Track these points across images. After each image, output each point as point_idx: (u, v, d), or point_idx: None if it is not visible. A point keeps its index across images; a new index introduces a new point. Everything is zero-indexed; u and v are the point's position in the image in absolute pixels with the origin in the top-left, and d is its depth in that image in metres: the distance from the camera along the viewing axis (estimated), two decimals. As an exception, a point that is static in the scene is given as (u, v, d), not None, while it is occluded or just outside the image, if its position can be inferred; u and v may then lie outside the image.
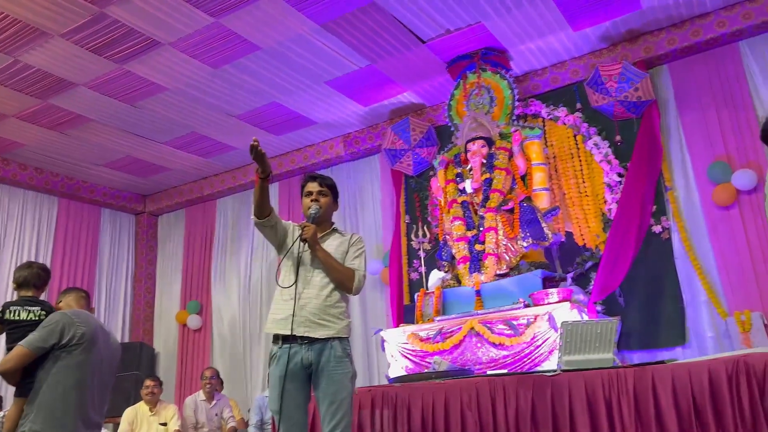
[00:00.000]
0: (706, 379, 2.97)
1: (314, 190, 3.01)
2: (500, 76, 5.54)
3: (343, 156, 6.94)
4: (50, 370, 2.69)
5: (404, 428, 3.77)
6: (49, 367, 2.70)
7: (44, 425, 2.60)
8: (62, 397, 2.67)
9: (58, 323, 2.75)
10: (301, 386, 2.77)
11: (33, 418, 2.61)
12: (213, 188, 7.92)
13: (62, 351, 2.72)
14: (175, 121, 6.39)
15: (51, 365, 2.70)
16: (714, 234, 4.84)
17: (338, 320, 2.82)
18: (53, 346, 2.71)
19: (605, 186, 5.24)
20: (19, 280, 3.11)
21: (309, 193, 3.02)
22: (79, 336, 2.78)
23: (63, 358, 2.72)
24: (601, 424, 3.21)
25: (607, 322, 3.58)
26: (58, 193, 7.59)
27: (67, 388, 2.70)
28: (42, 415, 2.61)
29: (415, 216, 6.26)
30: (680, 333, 4.79)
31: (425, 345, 4.74)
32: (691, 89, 5.19)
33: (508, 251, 4.95)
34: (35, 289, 3.12)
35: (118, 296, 8.08)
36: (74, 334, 2.76)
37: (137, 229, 8.56)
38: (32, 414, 2.62)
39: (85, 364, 2.79)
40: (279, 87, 5.83)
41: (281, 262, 2.94)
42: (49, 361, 2.71)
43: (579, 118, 5.49)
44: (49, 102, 5.86)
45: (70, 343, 2.74)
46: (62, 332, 2.74)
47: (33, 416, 2.61)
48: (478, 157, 5.22)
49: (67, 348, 2.73)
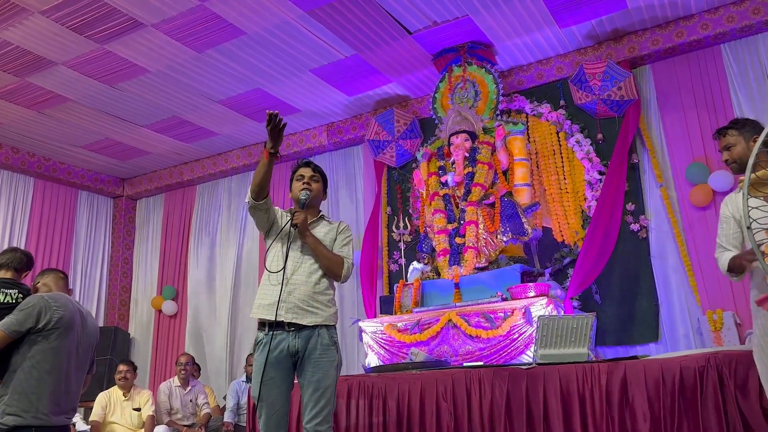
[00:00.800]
0: (677, 374, 3.02)
1: (307, 175, 2.97)
2: (485, 70, 5.55)
3: (326, 145, 6.91)
4: (26, 354, 2.66)
5: (379, 418, 3.79)
6: (24, 350, 2.67)
7: (19, 408, 2.58)
8: (37, 381, 2.65)
9: (34, 307, 2.72)
10: (285, 374, 2.75)
11: (7, 400, 2.59)
12: (193, 174, 7.84)
13: (38, 335, 2.69)
14: (157, 104, 6.31)
15: (27, 349, 2.67)
16: (690, 233, 4.92)
17: (326, 307, 2.80)
18: (29, 330, 2.68)
19: (586, 183, 5.29)
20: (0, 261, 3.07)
21: (301, 177, 2.97)
22: (56, 320, 2.74)
23: (39, 342, 2.69)
24: (574, 417, 3.25)
25: (583, 317, 3.63)
26: (34, 174, 7.45)
27: (42, 373, 2.67)
28: (17, 398, 2.59)
29: (396, 207, 6.27)
30: (654, 330, 4.87)
31: (403, 336, 4.76)
32: (672, 90, 5.26)
33: (488, 245, 4.99)
34: (15, 272, 3.06)
35: (94, 280, 7.97)
36: (51, 318, 2.73)
37: (115, 213, 8.45)
38: (6, 396, 2.60)
39: (62, 349, 2.76)
40: (263, 73, 5.78)
41: (269, 246, 2.90)
42: (24, 344, 2.67)
43: (562, 115, 5.52)
44: (27, 80, 5.74)
45: (47, 327, 2.71)
46: (39, 316, 2.70)
47: (8, 399, 2.59)
48: (461, 150, 5.23)
49: (43, 332, 2.70)
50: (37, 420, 2.61)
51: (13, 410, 2.56)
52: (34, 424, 2.60)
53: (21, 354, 2.66)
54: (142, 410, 5.52)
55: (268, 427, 2.69)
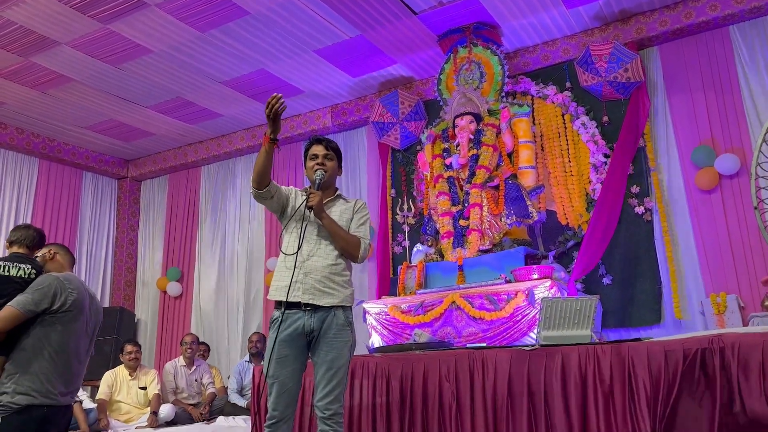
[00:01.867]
0: (680, 356, 3.02)
1: (320, 154, 2.88)
2: (491, 51, 5.51)
3: (329, 127, 6.88)
4: (38, 335, 2.65)
5: (383, 398, 3.82)
6: (37, 331, 2.66)
7: (30, 388, 2.57)
8: (49, 362, 2.65)
9: (50, 287, 2.70)
10: (298, 353, 2.73)
11: (17, 379, 2.57)
12: (197, 155, 7.83)
13: (52, 316, 2.68)
14: (160, 85, 6.29)
15: (39, 329, 2.66)
16: (695, 217, 4.91)
17: (343, 288, 2.78)
18: (44, 311, 2.67)
19: (591, 166, 5.27)
20: (11, 238, 3.01)
21: (314, 156, 2.89)
22: (71, 303, 2.74)
23: (52, 324, 2.68)
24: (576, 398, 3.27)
25: (586, 299, 3.63)
26: (39, 155, 7.46)
27: (53, 354, 2.66)
28: (28, 378, 2.58)
29: (400, 190, 6.26)
30: (657, 313, 4.87)
31: (406, 317, 4.78)
32: (680, 72, 5.20)
33: (492, 227, 4.98)
34: (27, 249, 3.02)
35: (99, 261, 8.02)
36: (66, 300, 2.72)
37: (119, 194, 8.47)
38: (17, 375, 2.58)
39: (73, 331, 2.75)
40: (267, 54, 5.75)
41: (285, 228, 2.87)
42: (37, 325, 2.66)
43: (568, 98, 5.48)
44: (31, 60, 5.72)
45: (61, 309, 2.70)
46: (54, 297, 2.69)
47: (18, 377, 2.57)
48: (465, 132, 5.21)
49: (57, 314, 2.69)
50: (48, 400, 2.61)
51: (24, 390, 2.56)
52: (46, 403, 2.60)
53: (33, 334, 2.64)
54: (147, 389, 5.58)
55: (278, 404, 2.68)
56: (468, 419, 3.51)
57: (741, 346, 2.91)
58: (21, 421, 2.52)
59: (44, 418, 2.61)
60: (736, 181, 4.79)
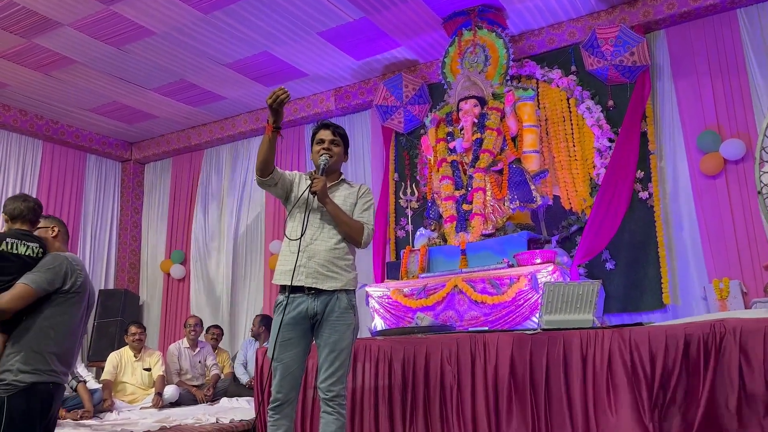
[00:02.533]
0: (681, 340, 3.03)
1: (327, 139, 2.90)
2: (496, 34, 5.46)
3: (333, 110, 6.86)
4: (45, 314, 2.62)
5: (385, 380, 3.85)
6: (44, 310, 2.62)
7: (34, 367, 2.55)
8: (54, 342, 2.63)
9: (62, 267, 2.67)
10: (302, 335, 2.76)
11: (22, 358, 2.54)
12: (201, 138, 7.82)
13: (60, 296, 2.65)
14: (164, 67, 6.26)
15: (47, 309, 2.63)
16: (699, 202, 4.89)
17: (346, 272, 2.80)
18: (56, 291, 2.64)
19: (595, 151, 5.24)
20: (14, 212, 2.83)
21: (321, 141, 2.90)
22: (79, 285, 2.72)
23: (59, 304, 2.65)
24: (577, 381, 3.28)
25: (588, 284, 3.63)
26: (43, 137, 7.46)
27: (58, 334, 2.64)
28: (33, 357, 2.56)
29: (404, 174, 6.25)
30: (659, 298, 4.87)
31: (408, 301, 4.79)
32: (686, 56, 5.15)
33: (495, 212, 4.98)
34: (30, 224, 2.87)
35: (103, 243, 8.05)
36: (75, 281, 2.70)
37: (123, 177, 8.47)
38: (21, 354, 2.54)
39: (76, 312, 2.73)
40: (270, 36, 5.71)
41: (289, 213, 2.88)
42: (45, 304, 2.62)
43: (573, 81, 5.44)
44: (34, 41, 5.70)
45: (70, 290, 2.68)
46: (65, 277, 2.66)
47: (23, 356, 2.54)
48: (469, 116, 5.18)
49: (65, 294, 2.67)
50: (51, 377, 2.60)
51: (29, 368, 2.54)
52: (51, 380, 2.60)
53: (39, 314, 2.61)
54: (152, 370, 5.63)
55: (281, 387, 2.71)
56: (469, 402, 3.54)
57: (743, 330, 2.92)
58: (27, 400, 2.51)
59: (49, 395, 2.61)
60: (741, 167, 4.76)
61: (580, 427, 3.20)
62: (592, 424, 3.18)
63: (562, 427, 3.25)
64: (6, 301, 2.54)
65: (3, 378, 2.51)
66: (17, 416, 2.46)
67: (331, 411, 2.69)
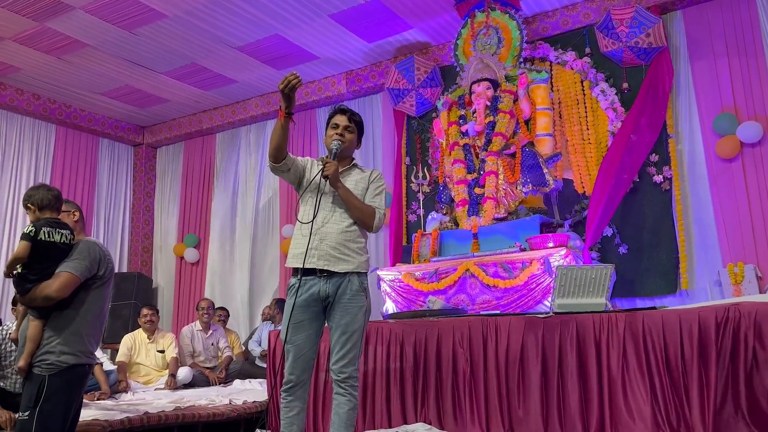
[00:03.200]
0: (695, 324, 3.02)
1: (341, 124, 2.90)
2: (509, 16, 5.40)
3: (344, 94, 6.83)
4: (83, 299, 2.76)
5: (397, 363, 3.86)
6: (82, 295, 2.76)
7: (75, 349, 2.70)
8: (90, 325, 2.77)
9: (97, 253, 2.81)
10: (314, 318, 2.78)
11: (64, 341, 2.68)
12: (212, 122, 7.83)
13: (94, 282, 2.79)
14: (175, 50, 6.25)
15: (84, 294, 2.76)
16: (714, 186, 4.83)
17: (357, 255, 2.81)
18: (92, 276, 2.78)
19: (609, 134, 5.18)
20: (42, 202, 2.87)
21: (335, 126, 2.91)
22: (110, 271, 2.87)
23: (94, 289, 2.79)
24: (590, 364, 3.28)
25: (601, 267, 3.61)
26: (56, 121, 7.50)
27: (93, 317, 2.80)
28: (74, 340, 2.70)
29: (415, 158, 6.22)
30: (673, 282, 4.84)
31: (420, 284, 4.80)
32: (703, 37, 5.06)
33: (508, 196, 4.95)
34: (57, 212, 2.94)
35: (117, 227, 8.11)
36: (107, 267, 2.84)
37: (135, 161, 8.51)
38: (63, 337, 2.69)
39: (106, 296, 2.89)
40: (281, 18, 5.68)
41: (301, 197, 2.91)
42: (82, 289, 2.76)
43: (587, 64, 5.37)
44: (46, 25, 5.70)
45: (103, 275, 2.82)
46: (99, 263, 2.81)
47: (64, 339, 2.68)
48: (482, 99, 5.14)
49: (100, 280, 2.81)
50: (87, 359, 2.76)
51: (71, 350, 2.68)
52: (87, 362, 2.76)
53: (76, 299, 2.75)
54: (165, 352, 5.69)
55: (294, 369, 2.74)
56: (481, 384, 3.55)
57: (758, 314, 2.89)
58: (67, 380, 2.66)
59: (85, 375, 2.78)
60: (758, 150, 4.70)
61: (594, 410, 3.21)
62: (605, 407, 3.19)
63: (574, 410, 3.25)
64: (55, 290, 2.66)
65: (45, 358, 2.65)
66: (54, 395, 2.61)
67: (344, 392, 2.71)
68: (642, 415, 3.07)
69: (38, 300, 2.67)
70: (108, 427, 3.61)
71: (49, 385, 2.60)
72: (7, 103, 6.96)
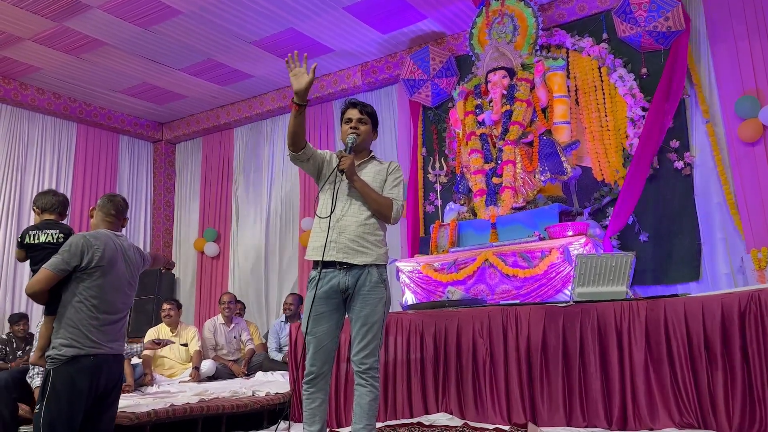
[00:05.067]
0: (718, 312, 2.99)
1: (354, 118, 2.92)
2: (524, 3, 5.35)
3: (360, 86, 6.83)
4: (75, 291, 2.79)
5: (417, 354, 3.88)
6: (73, 288, 2.80)
7: (73, 340, 2.73)
8: (87, 315, 2.78)
9: (77, 246, 2.82)
10: (334, 309, 2.80)
11: (63, 334, 2.73)
12: (229, 117, 7.88)
13: (83, 273, 2.80)
14: (191, 46, 6.29)
15: (75, 286, 2.80)
16: (737, 170, 4.75)
17: (376, 247, 2.82)
18: (75, 268, 2.79)
19: (628, 120, 5.12)
20: (45, 205, 3.18)
21: (348, 120, 2.93)
22: (98, 258, 2.84)
23: (85, 280, 2.80)
24: (611, 353, 3.27)
25: (622, 255, 3.59)
26: (76, 119, 7.60)
27: (90, 307, 2.79)
28: (70, 331, 2.74)
29: (432, 148, 6.21)
30: (695, 269, 4.79)
31: (439, 275, 4.80)
32: (724, 18, 4.96)
33: (526, 185, 4.93)
34: (57, 215, 3.18)
35: (139, 223, 8.23)
36: (93, 256, 2.82)
37: (155, 157, 8.61)
38: (62, 330, 2.75)
39: (106, 285, 2.86)
40: (296, 12, 5.68)
41: (319, 191, 2.93)
42: (72, 282, 2.80)
43: (605, 50, 5.30)
44: (64, 25, 5.77)
45: (90, 265, 2.81)
46: (82, 255, 2.80)
47: (63, 332, 2.74)
48: (498, 88, 5.11)
49: (87, 270, 2.81)
50: (93, 349, 2.76)
51: (69, 342, 2.72)
52: (92, 352, 2.75)
53: (70, 291, 2.80)
54: (189, 345, 5.77)
55: (315, 361, 2.76)
56: (502, 374, 3.55)
57: (782, 301, 2.85)
58: (73, 371, 2.68)
59: (96, 366, 2.76)
60: (781, 133, 4.61)
61: (617, 399, 3.19)
62: (628, 396, 3.17)
63: (596, 399, 3.25)
64: (29, 286, 2.79)
65: (50, 353, 2.73)
66: (61, 387, 2.65)
67: (365, 383, 2.73)
68: (665, 403, 3.05)
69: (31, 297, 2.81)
70: (135, 419, 3.68)
71: (53, 378, 2.66)
72: (28, 103, 7.07)
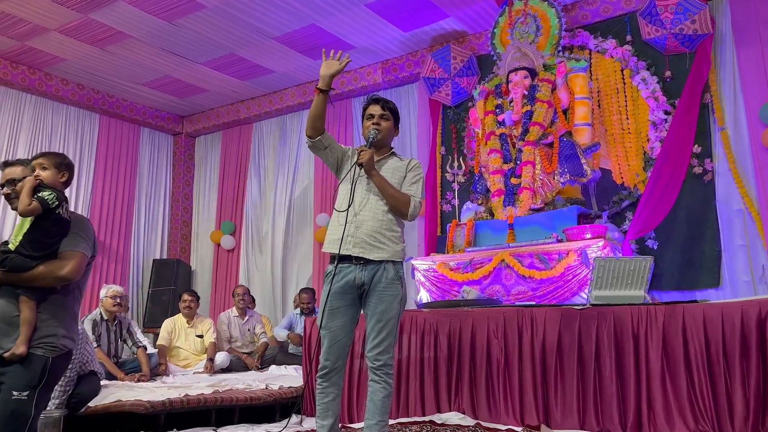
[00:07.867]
0: (738, 319, 2.95)
1: (376, 113, 2.94)
2: (548, 3, 5.31)
3: (380, 83, 6.83)
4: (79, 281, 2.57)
5: (431, 352, 3.88)
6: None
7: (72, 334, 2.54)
8: (79, 304, 2.65)
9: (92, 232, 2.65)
10: (349, 305, 2.81)
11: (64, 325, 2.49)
12: (249, 111, 7.93)
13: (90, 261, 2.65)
14: (213, 41, 6.34)
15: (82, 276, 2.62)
16: (759, 176, 4.68)
17: (393, 243, 2.83)
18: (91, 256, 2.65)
19: (650, 123, 5.07)
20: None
21: (370, 116, 2.95)
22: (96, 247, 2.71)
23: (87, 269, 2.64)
24: (627, 357, 3.24)
25: (640, 260, 3.56)
26: (99, 110, 7.70)
27: (79, 297, 2.64)
28: (71, 325, 2.54)
29: (450, 147, 6.20)
30: (715, 276, 4.73)
31: (455, 274, 4.80)
32: (750, 23, 4.89)
33: (544, 186, 4.90)
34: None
35: (157, 214, 8.31)
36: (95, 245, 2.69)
37: (175, 150, 8.69)
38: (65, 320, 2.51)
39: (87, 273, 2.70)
40: (318, 8, 5.70)
41: (339, 186, 2.94)
42: None
43: (628, 52, 5.25)
44: (90, 16, 5.85)
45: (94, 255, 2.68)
46: (95, 243, 2.67)
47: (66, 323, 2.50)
48: (519, 88, 5.08)
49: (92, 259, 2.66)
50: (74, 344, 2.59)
51: (70, 335, 2.52)
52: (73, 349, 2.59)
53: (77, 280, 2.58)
54: (204, 337, 5.82)
55: (329, 355, 2.77)
56: (516, 375, 3.54)
57: (805, 310, 2.81)
58: (63, 365, 2.54)
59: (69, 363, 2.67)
60: (806, 140, 4.54)
61: (631, 404, 3.17)
62: (643, 401, 3.15)
63: (611, 403, 3.22)
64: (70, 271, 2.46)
65: (49, 340, 2.44)
66: (53, 377, 2.47)
67: (378, 380, 2.74)
68: (681, 410, 3.02)
69: (47, 280, 2.41)
70: (150, 408, 3.73)
71: (52, 367, 2.42)
72: (53, 93, 7.17)
